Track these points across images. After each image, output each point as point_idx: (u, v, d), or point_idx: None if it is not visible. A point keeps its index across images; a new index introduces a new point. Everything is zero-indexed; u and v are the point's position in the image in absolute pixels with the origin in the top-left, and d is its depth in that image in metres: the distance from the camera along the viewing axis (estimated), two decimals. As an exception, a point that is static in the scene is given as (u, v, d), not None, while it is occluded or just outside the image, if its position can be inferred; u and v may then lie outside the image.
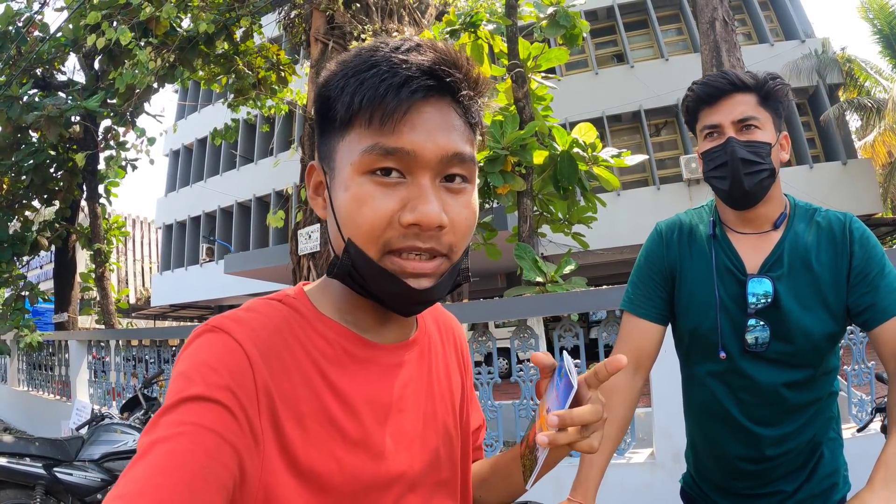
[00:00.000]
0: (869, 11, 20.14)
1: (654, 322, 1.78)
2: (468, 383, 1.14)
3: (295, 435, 0.80)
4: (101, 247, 11.86)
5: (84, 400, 7.61)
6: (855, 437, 3.67)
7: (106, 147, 11.25)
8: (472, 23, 6.75)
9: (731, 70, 1.70)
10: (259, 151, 26.51)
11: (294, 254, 8.13)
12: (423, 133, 0.81)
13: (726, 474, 1.79)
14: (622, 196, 17.22)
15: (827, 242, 1.65)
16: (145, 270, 44.71)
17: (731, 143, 1.64)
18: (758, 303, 1.64)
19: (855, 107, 19.34)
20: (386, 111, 0.80)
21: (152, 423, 0.73)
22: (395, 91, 0.80)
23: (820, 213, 1.70)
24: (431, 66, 0.81)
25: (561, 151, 6.72)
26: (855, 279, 1.60)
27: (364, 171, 0.82)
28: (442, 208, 0.83)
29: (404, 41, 0.85)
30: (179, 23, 9.04)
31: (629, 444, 4.10)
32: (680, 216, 1.86)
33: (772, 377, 1.65)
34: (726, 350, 1.68)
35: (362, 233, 0.83)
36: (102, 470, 4.55)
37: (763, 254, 1.68)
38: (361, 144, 0.82)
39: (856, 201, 18.28)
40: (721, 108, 1.67)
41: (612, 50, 22.31)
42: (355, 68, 0.83)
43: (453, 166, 0.84)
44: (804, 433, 1.69)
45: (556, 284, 5.97)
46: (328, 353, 0.86)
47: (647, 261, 1.84)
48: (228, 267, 19.50)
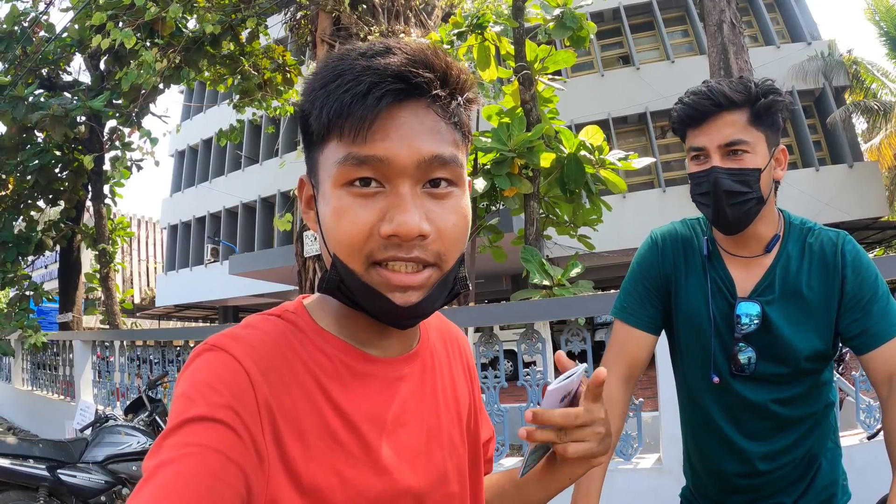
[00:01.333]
0: (875, 13, 20.15)
1: (648, 332, 1.76)
2: (476, 396, 1.12)
3: (297, 451, 0.79)
4: (105, 247, 11.86)
5: (88, 400, 7.60)
6: (864, 444, 3.64)
7: (111, 148, 11.26)
8: (478, 24, 6.74)
9: (716, 86, 1.55)
10: (264, 152, 26.58)
11: (300, 256, 8.13)
12: (397, 139, 0.79)
13: (722, 489, 1.77)
14: (628, 198, 17.19)
15: (818, 267, 1.60)
16: (150, 271, 44.82)
17: (714, 173, 1.56)
18: (749, 325, 1.61)
19: (861, 109, 19.32)
20: (354, 121, 0.77)
21: (156, 446, 0.73)
22: (360, 100, 0.77)
23: (813, 234, 1.64)
24: (399, 69, 0.78)
25: (568, 154, 6.70)
26: (847, 304, 1.56)
27: (341, 183, 0.80)
28: (424, 216, 0.80)
29: (372, 45, 0.82)
30: (185, 24, 9.04)
31: (636, 448, 4.08)
32: (676, 225, 1.81)
33: (761, 395, 1.64)
34: (718, 373, 1.67)
35: (343, 246, 0.81)
36: (106, 472, 4.54)
37: (755, 278, 1.64)
38: (336, 156, 0.80)
39: (862, 204, 18.26)
40: (707, 129, 1.58)
41: (617, 52, 22.32)
42: (322, 80, 0.82)
43: (435, 170, 0.81)
44: (800, 447, 1.66)
45: (563, 288, 5.95)
46: (328, 368, 0.85)
47: (641, 268, 1.79)
48: (233, 268, 19.55)
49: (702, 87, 1.60)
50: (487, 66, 7.03)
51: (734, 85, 1.56)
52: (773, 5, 21.95)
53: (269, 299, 26.77)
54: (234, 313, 31.19)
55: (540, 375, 4.35)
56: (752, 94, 1.54)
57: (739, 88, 1.55)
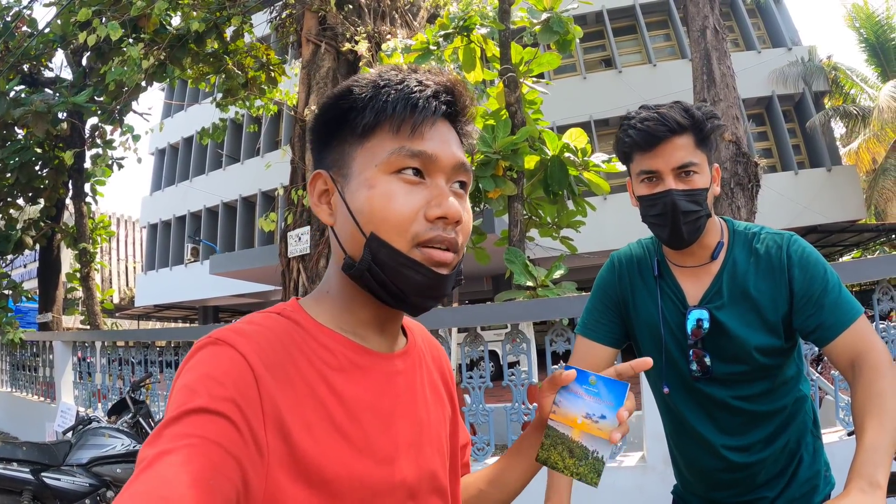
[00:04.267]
0: (855, 20, 20.46)
1: (607, 345, 1.86)
2: (454, 402, 1.18)
3: (306, 444, 0.81)
4: (86, 246, 11.75)
5: (69, 402, 7.51)
6: (843, 441, 3.73)
7: (93, 145, 11.17)
8: (465, 27, 6.75)
9: (667, 112, 1.65)
10: (246, 151, 26.44)
11: (283, 256, 8.11)
12: (440, 142, 0.92)
13: (708, 486, 1.84)
14: (608, 200, 17.20)
15: (765, 269, 1.68)
16: (129, 270, 44.43)
17: (671, 196, 1.64)
18: (700, 331, 1.69)
19: (840, 114, 19.65)
20: (416, 118, 0.90)
21: (155, 435, 0.74)
22: (425, 102, 0.90)
23: (758, 239, 1.72)
24: (452, 87, 0.94)
25: (552, 156, 6.73)
26: (799, 302, 1.62)
27: (391, 170, 0.90)
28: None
29: (416, 67, 0.97)
30: (169, 21, 8.99)
31: (620, 447, 4.12)
32: (632, 247, 1.91)
33: (724, 393, 1.72)
34: (670, 381, 1.78)
35: (391, 226, 0.89)
36: (90, 475, 4.49)
37: (703, 286, 1.73)
38: (388, 148, 0.90)
39: (840, 207, 18.50)
40: (659, 153, 1.65)
41: (600, 55, 22.44)
42: (385, 81, 0.92)
43: (460, 174, 0.95)
44: (777, 440, 1.73)
45: (547, 289, 5.98)
46: (331, 361, 0.89)
47: (601, 289, 1.91)
48: (213, 267, 19.44)
49: (651, 113, 1.68)
50: (473, 68, 7.04)
51: (679, 111, 1.66)
52: (755, 11, 22.19)
53: (249, 299, 26.64)
54: (215, 313, 30.98)
55: (525, 376, 4.37)
56: (696, 119, 1.65)
57: (684, 114, 1.65)
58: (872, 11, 20.28)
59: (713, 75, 6.79)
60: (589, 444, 1.03)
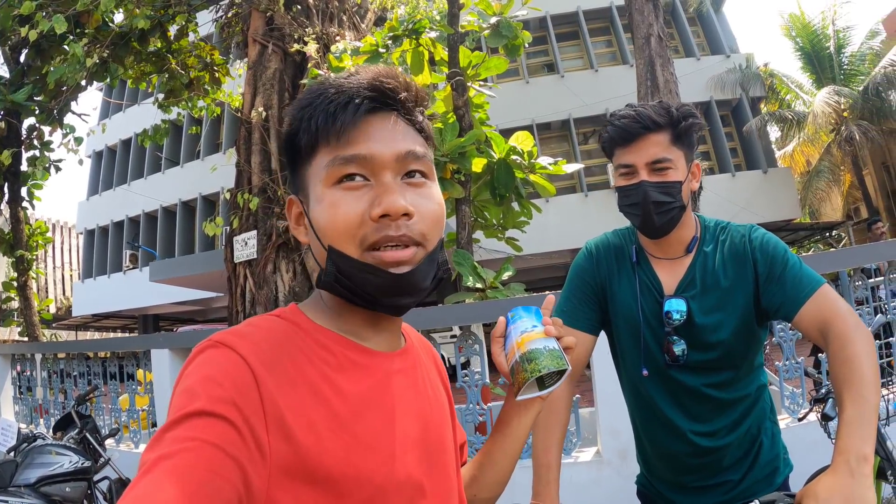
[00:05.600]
0: (792, 29, 21.19)
1: (586, 332, 1.91)
2: (452, 404, 1.19)
3: (310, 443, 0.81)
4: (23, 253, 11.33)
5: (9, 419, 7.21)
6: (789, 428, 3.88)
7: (30, 146, 10.81)
8: (414, 30, 6.77)
9: (643, 110, 1.78)
10: (185, 154, 25.84)
11: (229, 261, 7.98)
12: (377, 139, 0.92)
13: (675, 471, 1.91)
14: (551, 202, 17.45)
15: (731, 258, 1.79)
16: (66, 278, 43.14)
17: (643, 187, 1.75)
18: (679, 319, 1.77)
19: (776, 118, 20.30)
20: (339, 126, 0.91)
21: (156, 439, 0.74)
22: (342, 109, 0.91)
23: (725, 232, 1.85)
24: (370, 82, 0.93)
25: (498, 159, 6.80)
26: (764, 282, 1.71)
27: (332, 182, 0.92)
28: (407, 201, 0.91)
29: (343, 72, 0.98)
30: (112, 17, 8.75)
31: (575, 443, 4.18)
32: (608, 236, 1.99)
33: (696, 381, 1.80)
34: (648, 366, 1.85)
35: (339, 233, 0.90)
36: (39, 495, 4.23)
37: (678, 277, 1.83)
38: (326, 160, 0.92)
39: (775, 207, 19.10)
40: (635, 148, 1.76)
41: (543, 59, 22.67)
42: (306, 101, 0.95)
43: (411, 163, 0.94)
44: (741, 426, 1.83)
45: (496, 290, 6.03)
46: (331, 360, 0.90)
47: (578, 276, 1.97)
48: (153, 274, 19.02)
49: (630, 111, 1.80)
50: (421, 71, 7.07)
51: (657, 109, 1.77)
52: (695, 19, 22.75)
53: (191, 307, 26.10)
54: (155, 322, 30.25)
55: (478, 376, 4.40)
56: (673, 118, 1.75)
57: (662, 113, 1.75)
58: (808, 21, 21.02)
59: (657, 81, 6.96)
60: (536, 345, 1.12)
